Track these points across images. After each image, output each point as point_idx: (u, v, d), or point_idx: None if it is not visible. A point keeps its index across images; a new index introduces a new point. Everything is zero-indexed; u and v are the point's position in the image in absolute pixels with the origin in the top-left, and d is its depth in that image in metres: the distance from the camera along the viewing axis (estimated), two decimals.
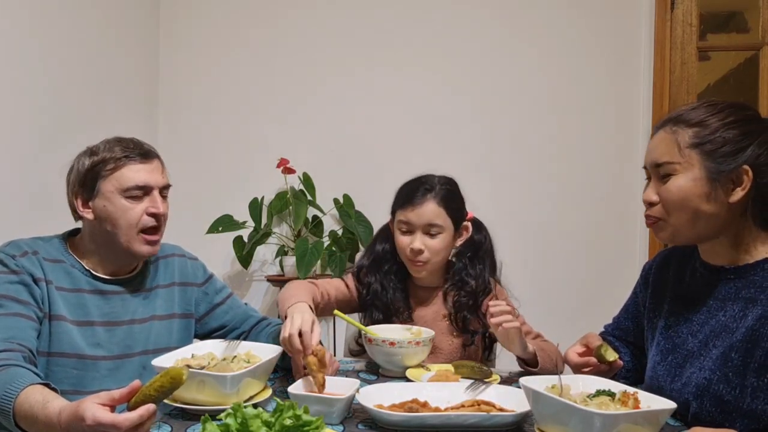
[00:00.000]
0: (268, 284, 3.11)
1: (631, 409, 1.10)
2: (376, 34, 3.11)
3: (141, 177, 1.49)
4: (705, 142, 1.19)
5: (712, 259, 1.29)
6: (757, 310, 1.17)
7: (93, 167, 1.49)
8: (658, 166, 1.24)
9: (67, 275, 1.49)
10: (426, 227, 1.75)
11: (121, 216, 1.48)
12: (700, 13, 2.91)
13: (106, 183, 1.48)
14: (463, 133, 3.07)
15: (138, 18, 3.02)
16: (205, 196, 3.11)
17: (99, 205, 1.49)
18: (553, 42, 3.03)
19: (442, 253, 1.78)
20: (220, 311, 1.71)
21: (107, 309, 1.52)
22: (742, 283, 1.23)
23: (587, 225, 3.02)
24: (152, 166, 1.53)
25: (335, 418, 1.22)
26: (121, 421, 0.99)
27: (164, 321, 1.61)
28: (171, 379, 1.05)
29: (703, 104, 1.24)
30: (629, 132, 3.01)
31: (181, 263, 1.69)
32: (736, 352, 1.17)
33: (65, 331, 1.45)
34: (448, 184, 1.82)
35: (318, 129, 3.13)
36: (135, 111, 3.00)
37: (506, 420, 1.19)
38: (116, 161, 1.48)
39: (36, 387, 1.15)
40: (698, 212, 1.21)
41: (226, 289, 1.76)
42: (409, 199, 1.77)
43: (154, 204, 1.51)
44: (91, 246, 1.54)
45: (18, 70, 2.14)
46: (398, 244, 1.80)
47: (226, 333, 1.70)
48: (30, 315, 1.39)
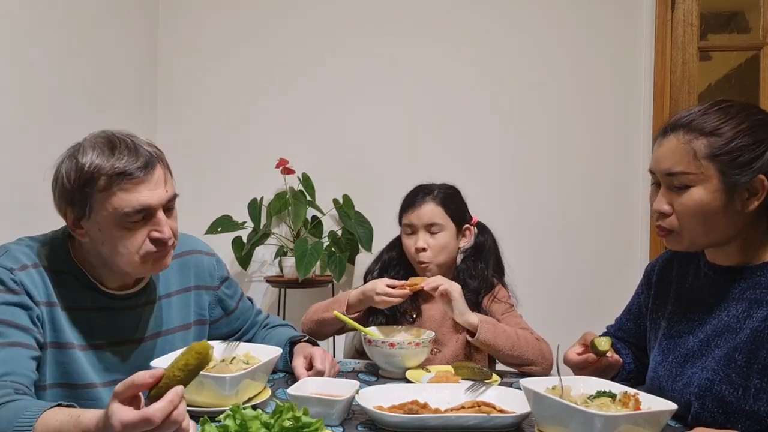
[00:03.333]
0: (267, 285, 3.10)
1: (631, 410, 1.10)
2: (376, 34, 3.10)
3: (140, 199, 1.24)
4: (721, 154, 1.17)
5: (720, 260, 1.28)
6: (763, 311, 1.17)
7: (81, 186, 1.23)
8: (671, 175, 1.21)
9: (71, 290, 1.31)
10: (427, 226, 1.87)
11: (119, 243, 1.26)
12: (701, 13, 2.91)
13: (97, 205, 1.24)
14: (464, 133, 3.06)
15: (138, 18, 3.01)
16: (204, 196, 3.10)
17: (92, 230, 1.27)
18: (553, 42, 3.03)
19: (444, 251, 1.88)
20: (233, 318, 1.62)
21: (115, 327, 1.36)
22: (747, 284, 1.22)
23: (588, 226, 3.01)
24: (153, 179, 1.26)
25: (335, 419, 1.22)
26: (152, 414, 0.89)
27: (179, 333, 1.47)
28: (197, 354, 0.94)
29: (713, 109, 1.21)
30: (630, 132, 3.00)
31: (198, 262, 1.53)
32: (740, 353, 1.17)
33: (73, 360, 1.29)
34: (448, 188, 1.95)
35: (318, 129, 3.12)
36: (134, 111, 2.99)
37: (506, 421, 1.19)
38: (108, 179, 1.22)
39: (53, 410, 1.02)
40: (715, 223, 1.19)
41: (238, 289, 1.64)
42: (411, 203, 1.91)
43: (158, 227, 1.27)
44: (92, 259, 1.33)
45: (17, 70, 2.14)
46: (405, 246, 1.92)
47: (236, 338, 1.60)
48: (29, 343, 1.21)
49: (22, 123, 2.17)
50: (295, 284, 2.87)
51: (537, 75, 3.04)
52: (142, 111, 3.07)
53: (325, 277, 2.95)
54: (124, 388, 0.92)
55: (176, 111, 3.18)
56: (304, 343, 1.60)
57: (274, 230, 3.08)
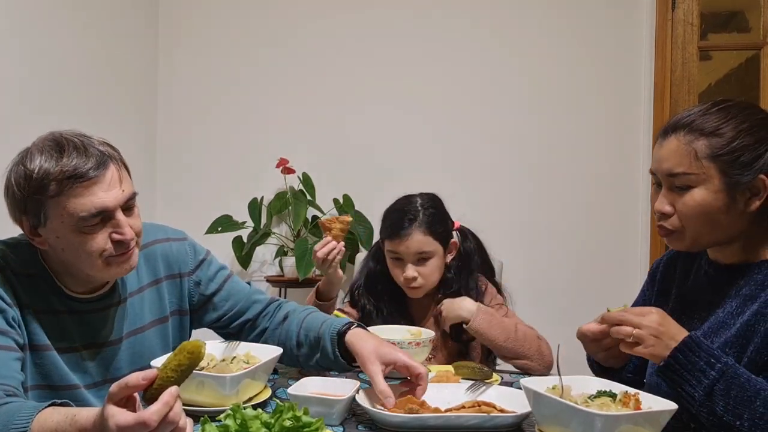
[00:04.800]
0: (268, 285, 3.10)
1: (632, 410, 1.10)
2: (377, 34, 3.11)
3: (95, 202, 1.17)
4: (722, 154, 1.17)
5: (721, 259, 1.28)
6: (754, 306, 1.17)
7: (32, 193, 1.17)
8: (673, 176, 1.21)
9: (40, 294, 1.26)
10: (415, 256, 1.78)
11: (79, 248, 1.20)
12: (701, 12, 2.91)
13: (51, 212, 1.17)
14: (463, 133, 3.06)
15: (137, 18, 3.01)
16: (204, 196, 3.10)
17: (50, 237, 1.21)
18: (553, 42, 3.03)
19: (435, 274, 1.82)
20: (218, 300, 1.48)
21: (86, 330, 1.31)
22: (744, 281, 1.23)
23: (588, 226, 3.01)
24: (107, 179, 1.19)
25: (335, 419, 1.22)
26: (148, 417, 0.88)
27: (155, 328, 1.41)
28: (189, 354, 0.94)
29: (714, 109, 1.21)
30: (630, 132, 3.00)
31: (165, 250, 1.43)
32: (731, 347, 1.17)
33: (51, 362, 1.25)
34: (431, 206, 1.82)
35: (318, 129, 3.12)
36: (134, 111, 2.99)
37: (507, 421, 1.19)
38: (58, 184, 1.15)
39: (47, 410, 1.00)
40: (717, 223, 1.20)
41: (222, 271, 1.51)
42: (396, 231, 1.79)
43: (118, 229, 1.21)
44: (55, 266, 1.28)
45: (17, 70, 2.14)
46: (392, 271, 1.84)
47: (228, 322, 1.50)
48: (10, 345, 1.17)
49: (22, 123, 2.17)
50: (296, 284, 2.87)
51: (536, 74, 3.04)
52: (142, 111, 3.07)
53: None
54: (117, 390, 0.92)
55: (177, 111, 3.18)
56: (357, 330, 1.40)
57: (274, 230, 3.08)
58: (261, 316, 1.52)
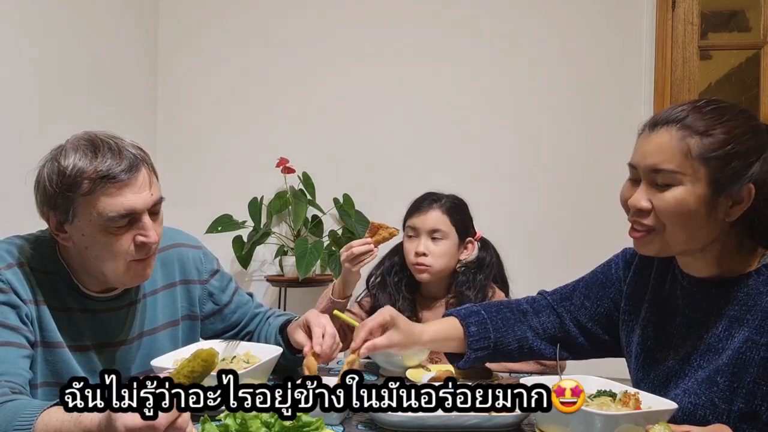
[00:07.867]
0: (268, 284, 3.10)
1: (631, 409, 1.10)
2: (377, 34, 3.11)
3: (125, 203, 1.20)
4: (714, 157, 1.08)
5: (694, 272, 1.20)
6: (744, 332, 1.11)
7: (63, 189, 1.19)
8: (657, 171, 1.12)
9: (56, 291, 1.28)
10: (430, 232, 1.86)
11: (104, 248, 1.23)
12: (702, 11, 2.91)
13: (80, 209, 1.20)
14: (464, 132, 3.06)
15: (137, 17, 3.01)
16: (204, 195, 3.10)
17: (76, 234, 1.23)
18: (553, 41, 3.03)
19: (443, 259, 1.86)
20: (228, 312, 1.54)
21: (99, 329, 1.33)
22: (726, 300, 1.16)
23: (588, 226, 3.01)
24: (138, 182, 1.23)
25: (335, 418, 1.22)
26: (157, 420, 0.88)
27: (166, 330, 1.43)
28: (203, 362, 0.93)
29: (708, 107, 1.13)
30: (630, 132, 2.98)
31: (182, 256, 1.47)
32: (722, 375, 1.11)
33: (62, 360, 1.27)
34: (455, 199, 1.94)
35: (317, 128, 3.12)
36: (134, 111, 2.99)
37: (507, 421, 1.19)
38: (91, 183, 1.18)
39: (52, 409, 1.01)
40: (694, 227, 1.12)
41: (231, 283, 1.56)
42: (417, 207, 1.92)
43: (143, 231, 1.24)
44: (75, 263, 1.30)
45: (17, 70, 2.14)
46: (405, 250, 1.91)
47: (233, 335, 1.55)
48: (21, 342, 1.19)
49: (22, 123, 2.17)
50: (296, 283, 2.87)
51: (537, 74, 3.04)
52: (142, 111, 3.07)
53: (325, 276, 2.95)
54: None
55: (177, 111, 3.18)
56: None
57: (274, 229, 3.08)
58: (259, 327, 1.57)
